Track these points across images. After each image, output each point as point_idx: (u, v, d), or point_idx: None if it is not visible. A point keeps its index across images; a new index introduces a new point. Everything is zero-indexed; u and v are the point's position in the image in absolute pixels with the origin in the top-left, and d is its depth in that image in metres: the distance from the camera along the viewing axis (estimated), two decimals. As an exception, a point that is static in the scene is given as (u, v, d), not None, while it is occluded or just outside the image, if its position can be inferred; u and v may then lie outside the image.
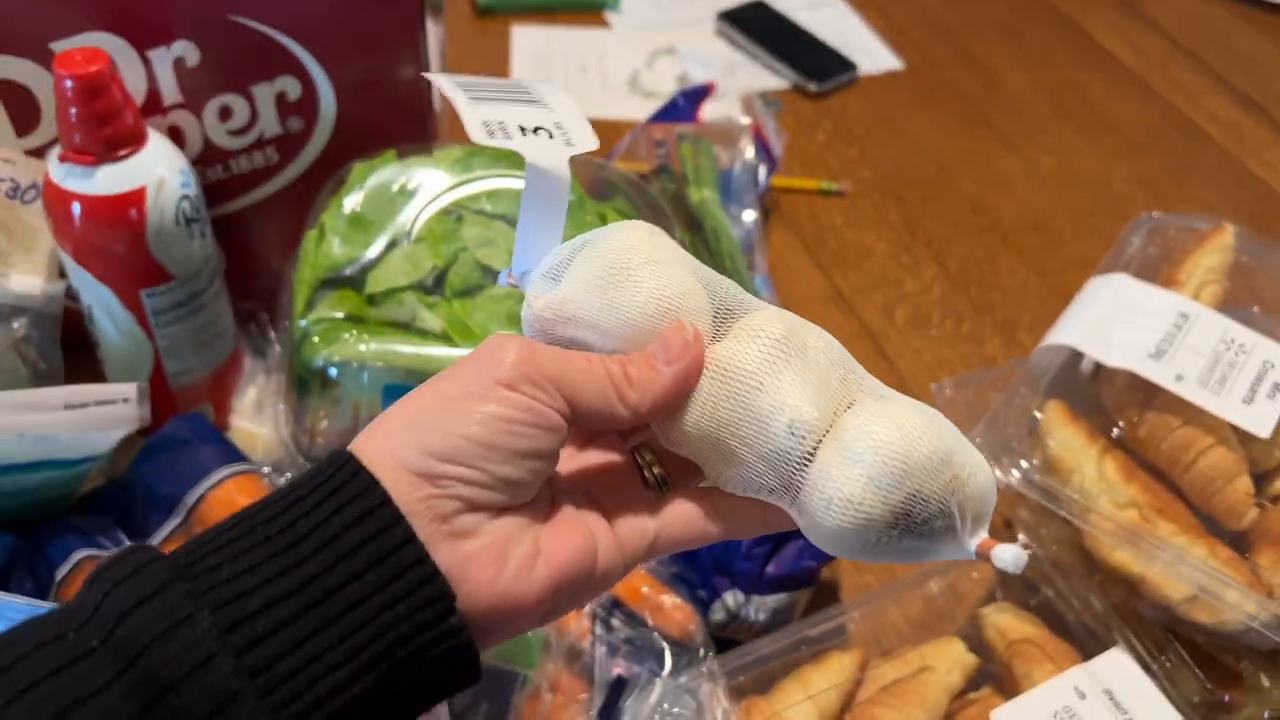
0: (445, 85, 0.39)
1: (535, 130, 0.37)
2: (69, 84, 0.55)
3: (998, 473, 0.59)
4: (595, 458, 0.39)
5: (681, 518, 0.37)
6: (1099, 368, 0.63)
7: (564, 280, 0.36)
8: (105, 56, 0.55)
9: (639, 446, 0.38)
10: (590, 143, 0.38)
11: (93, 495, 0.64)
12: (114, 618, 0.29)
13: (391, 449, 0.32)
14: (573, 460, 0.38)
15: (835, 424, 0.34)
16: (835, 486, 0.33)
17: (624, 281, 0.35)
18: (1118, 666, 0.56)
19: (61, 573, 0.56)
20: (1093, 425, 0.61)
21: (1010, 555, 0.33)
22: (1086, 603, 0.60)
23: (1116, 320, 0.62)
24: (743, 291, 0.37)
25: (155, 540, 0.59)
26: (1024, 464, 0.58)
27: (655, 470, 0.37)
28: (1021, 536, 0.33)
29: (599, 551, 0.35)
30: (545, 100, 0.40)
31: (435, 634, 0.31)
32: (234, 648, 0.29)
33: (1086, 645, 0.59)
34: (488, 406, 0.32)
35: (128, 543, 0.59)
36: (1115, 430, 0.60)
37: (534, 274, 0.37)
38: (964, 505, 0.34)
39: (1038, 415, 0.60)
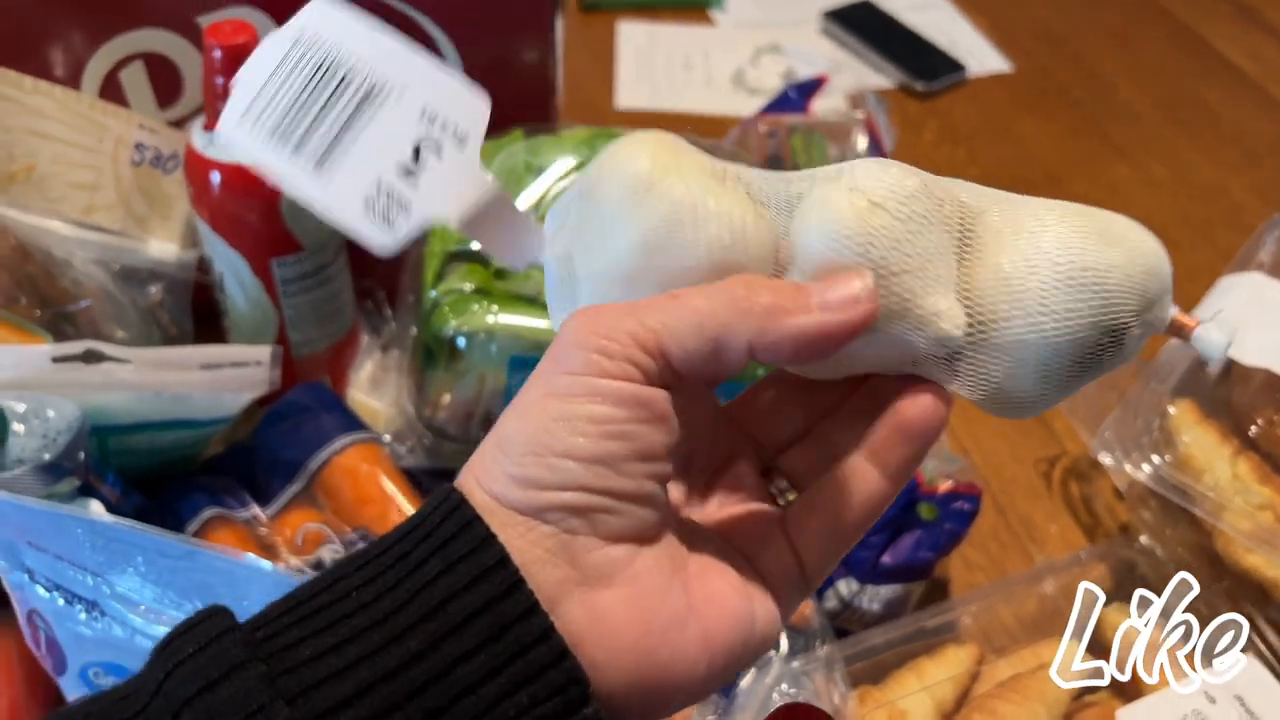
0: (251, 147, 0.29)
1: (417, 155, 0.28)
2: (217, 54, 0.56)
3: (1127, 468, 0.57)
4: (710, 481, 0.32)
5: (815, 535, 0.30)
6: (1230, 367, 0.62)
7: (587, 282, 0.29)
8: (252, 29, 0.57)
9: (769, 470, 0.32)
10: (479, 107, 0.29)
11: (215, 460, 0.65)
12: (176, 705, 0.24)
13: (490, 484, 0.27)
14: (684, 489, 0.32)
15: (971, 294, 0.29)
16: (1009, 392, 0.30)
17: (660, 267, 0.28)
18: (1250, 672, 0.54)
19: (190, 529, 0.58)
20: (1223, 426, 0.60)
21: (1218, 339, 0.30)
22: (1213, 607, 0.58)
23: (1252, 319, 0.60)
24: (783, 180, 0.30)
25: (277, 504, 0.60)
26: (1156, 459, 0.57)
27: (789, 498, 0.32)
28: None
29: (755, 606, 0.29)
30: (384, 81, 0.29)
31: None
32: None
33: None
34: (575, 408, 0.26)
35: (253, 504, 0.60)
36: (1253, 429, 0.58)
37: (549, 293, 0.31)
38: (1140, 317, 0.29)
39: (1171, 411, 0.59)
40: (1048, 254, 0.29)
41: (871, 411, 0.31)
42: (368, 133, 0.28)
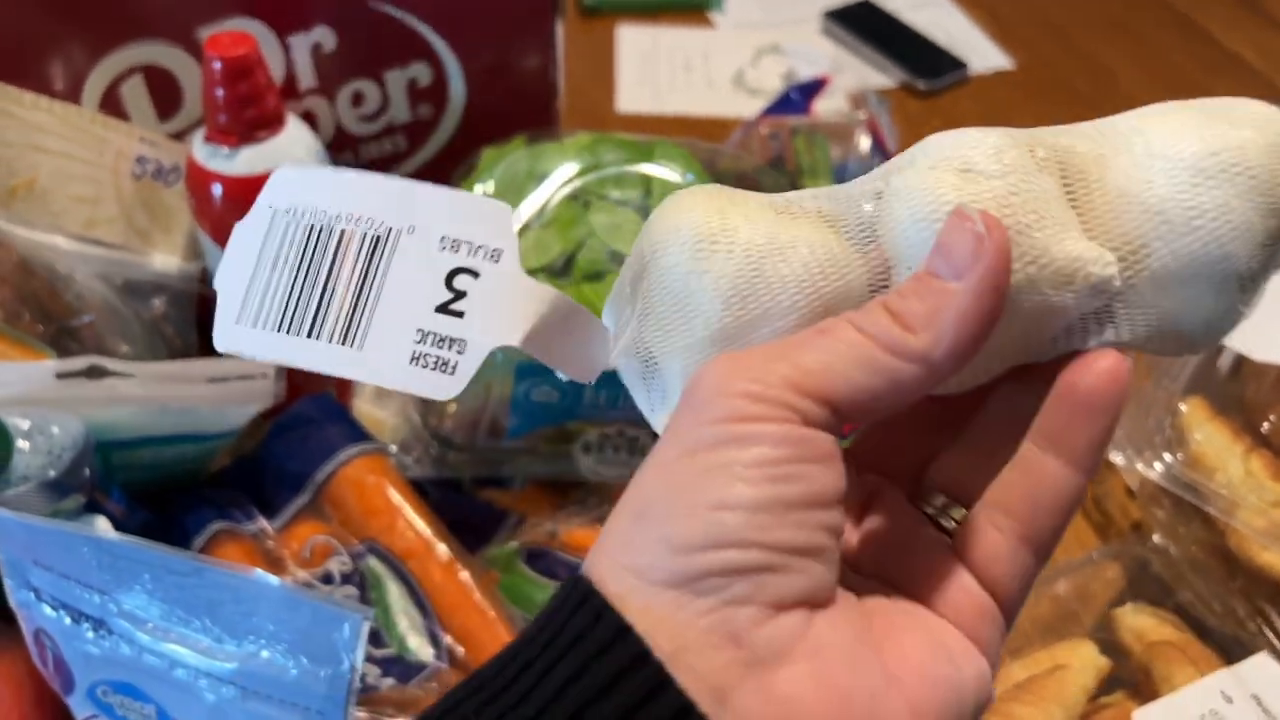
0: (259, 350, 0.25)
1: (453, 289, 0.25)
2: (217, 65, 0.56)
3: (1139, 466, 0.57)
4: (866, 519, 0.28)
5: (1000, 554, 0.26)
6: (1240, 364, 0.61)
7: (675, 362, 0.27)
8: (253, 40, 0.57)
9: (925, 492, 0.28)
10: (503, 215, 0.26)
11: (221, 474, 0.65)
12: None
13: (625, 559, 0.23)
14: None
15: (1097, 231, 0.26)
16: (1185, 318, 0.26)
17: (754, 317, 0.25)
18: (1266, 671, 0.54)
19: (197, 544, 0.57)
20: (1235, 423, 0.59)
21: None
22: (1228, 606, 0.58)
23: (1264, 315, 0.60)
24: (844, 193, 0.27)
25: (284, 517, 0.60)
26: (1168, 458, 0.57)
27: (955, 518, 0.27)
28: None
29: (957, 658, 0.25)
30: (388, 225, 0.25)
31: None
32: None
33: (1229, 650, 0.57)
34: (727, 455, 0.22)
35: (260, 517, 0.60)
36: (1265, 426, 0.58)
37: (633, 393, 0.28)
38: None
39: (1182, 408, 0.59)
40: (1165, 154, 0.25)
41: (1029, 394, 0.26)
42: (389, 285, 0.25)
